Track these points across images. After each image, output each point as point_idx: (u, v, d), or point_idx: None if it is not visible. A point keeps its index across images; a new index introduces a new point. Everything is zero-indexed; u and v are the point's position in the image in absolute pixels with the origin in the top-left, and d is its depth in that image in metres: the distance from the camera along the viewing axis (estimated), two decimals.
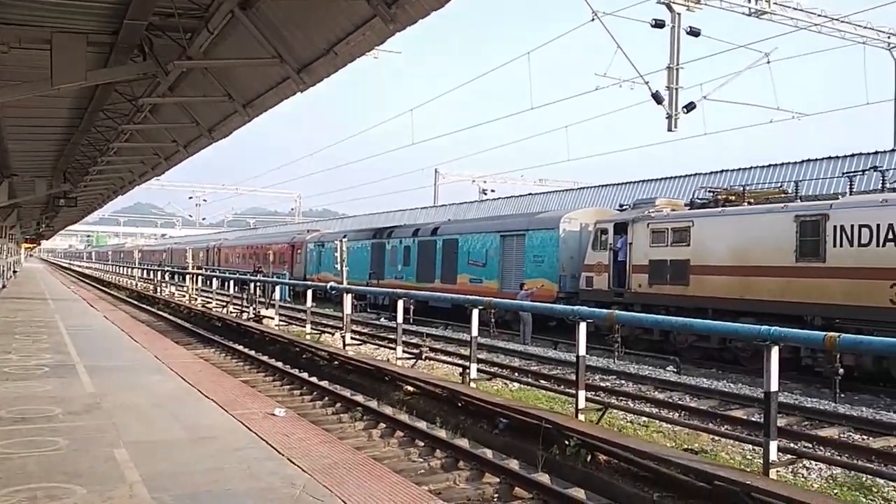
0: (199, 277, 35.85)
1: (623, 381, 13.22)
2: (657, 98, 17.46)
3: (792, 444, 8.30)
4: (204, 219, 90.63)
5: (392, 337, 16.03)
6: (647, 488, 6.67)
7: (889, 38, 26.63)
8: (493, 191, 49.45)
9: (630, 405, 10.80)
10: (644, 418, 9.60)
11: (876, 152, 23.79)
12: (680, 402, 11.33)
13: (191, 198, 74.98)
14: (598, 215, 20.85)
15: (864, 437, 9.28)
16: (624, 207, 20.73)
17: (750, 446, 8.07)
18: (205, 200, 76.87)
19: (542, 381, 12.71)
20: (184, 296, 32.07)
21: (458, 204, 45.05)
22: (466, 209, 43.21)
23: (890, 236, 12.52)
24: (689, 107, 17.73)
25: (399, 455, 8.00)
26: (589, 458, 7.36)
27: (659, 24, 17.33)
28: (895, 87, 26.97)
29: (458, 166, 53.98)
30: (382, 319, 24.34)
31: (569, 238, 20.82)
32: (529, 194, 42.25)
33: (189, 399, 8.16)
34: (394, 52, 27.93)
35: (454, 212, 43.08)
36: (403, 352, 14.01)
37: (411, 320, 22.82)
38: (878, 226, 12.70)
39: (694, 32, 17.64)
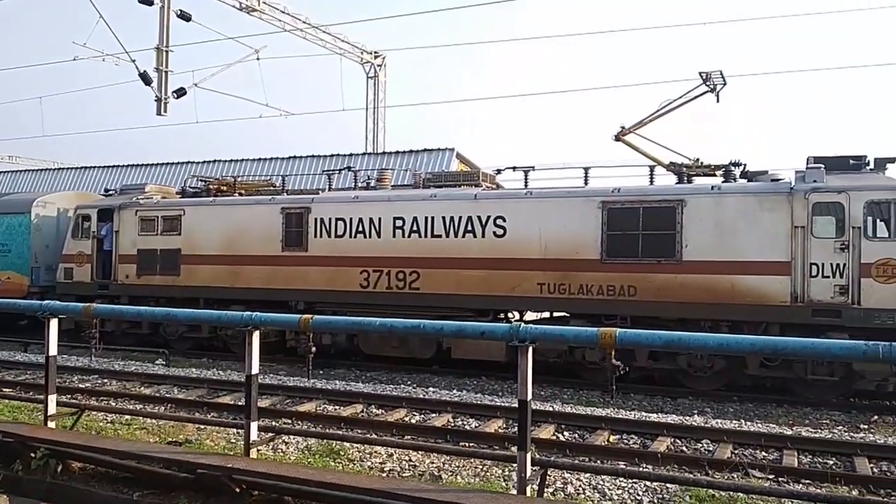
0: None
1: (106, 380, 12.38)
2: (145, 79, 16.76)
3: (273, 423, 8.89)
4: None
5: None
6: (128, 489, 6.34)
7: (362, 53, 30.63)
8: None
9: (112, 404, 10.16)
10: (127, 416, 9.12)
11: (351, 154, 27.17)
12: (168, 396, 11.13)
13: None
14: (80, 200, 19.07)
15: (337, 407, 10.48)
16: (110, 192, 19.50)
17: (235, 430, 8.35)
18: None
19: (4, 390, 11.04)
20: None
21: None
22: None
23: (360, 229, 14.41)
24: (180, 92, 17.47)
25: None
26: (60, 467, 6.65)
27: (147, 1, 16.61)
28: (366, 98, 31.30)
29: None
30: None
31: (43, 224, 18.56)
32: None
33: None
34: None
35: None
36: None
37: None
38: (351, 219, 14.51)
39: (185, 16, 17.42)
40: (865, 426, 10.30)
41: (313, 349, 7.48)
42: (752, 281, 11.51)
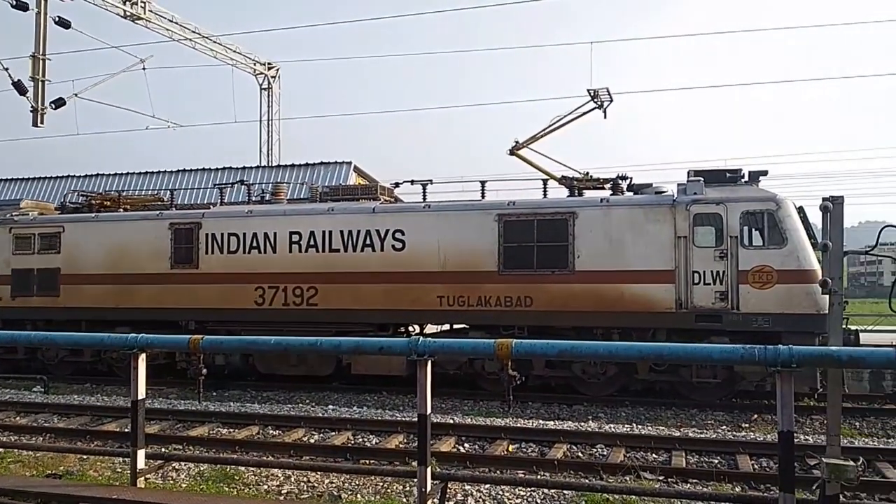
0: None
1: None
2: (20, 88, 15.77)
3: (163, 449, 8.49)
4: None
5: None
6: None
7: (255, 64, 30.04)
8: None
9: None
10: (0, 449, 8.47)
11: (244, 167, 26.53)
12: (47, 425, 10.42)
13: None
14: None
15: (231, 430, 10.13)
16: None
17: (121, 459, 7.91)
18: None
19: None
20: None
21: None
22: None
23: (254, 244, 14.05)
24: (59, 102, 16.55)
25: None
26: None
27: (22, 6, 15.67)
28: (260, 110, 30.70)
29: None
30: None
31: None
32: None
33: None
34: None
35: None
36: None
37: None
38: (245, 234, 14.12)
39: (63, 23, 16.54)
40: (746, 425, 10.92)
41: (204, 371, 7.20)
42: (639, 289, 12.00)
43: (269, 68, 30.32)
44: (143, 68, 19.93)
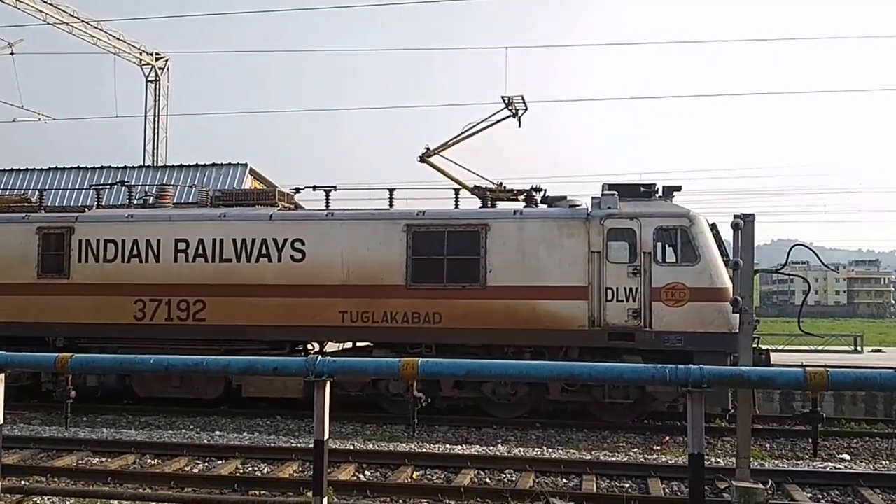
0: None
1: None
2: None
3: (23, 482, 8.00)
4: None
5: None
6: None
7: (141, 54, 29.07)
8: None
9: None
10: None
11: (125, 167, 25.54)
12: None
13: None
14: None
15: (103, 459, 9.66)
16: None
17: None
18: None
19: None
20: None
21: None
22: None
23: (135, 252, 13.52)
24: None
25: None
26: None
27: None
28: (145, 104, 29.71)
29: None
30: None
31: None
32: None
33: None
34: None
35: None
36: None
37: None
38: (124, 241, 13.57)
39: None
40: (658, 447, 11.31)
41: (73, 393, 6.85)
42: (552, 306, 12.26)
43: (157, 58, 29.41)
44: (12, 53, 18.91)
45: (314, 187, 14.04)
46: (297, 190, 14.60)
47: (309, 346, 13.96)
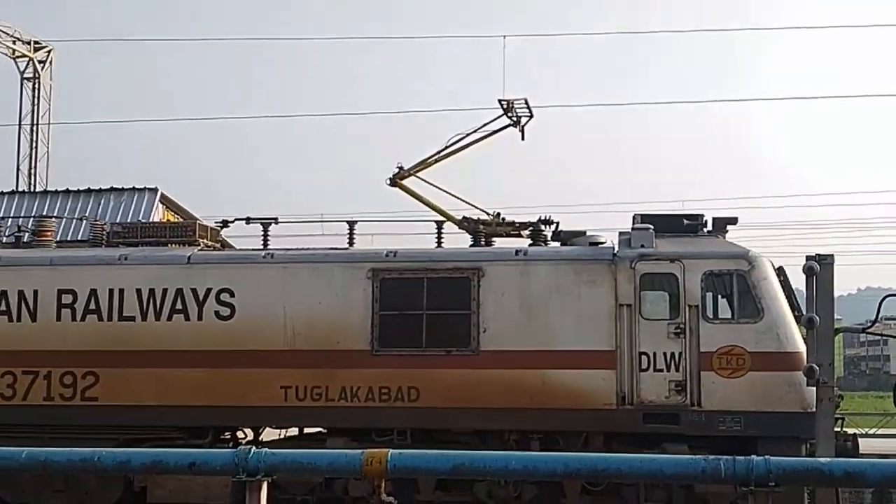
0: None
1: None
2: None
3: None
4: None
5: None
6: None
7: (15, 42, 29.24)
8: None
9: None
10: None
11: None
12: None
13: None
14: None
15: None
16: None
17: None
18: None
19: None
20: None
21: None
22: None
23: (2, 308, 13.44)
24: None
25: None
26: None
27: None
28: (20, 110, 29.78)
29: None
30: None
31: None
32: None
33: None
34: None
35: None
36: None
37: None
38: None
39: None
40: None
41: None
42: (568, 377, 12.26)
43: (37, 49, 29.58)
44: None
45: (248, 220, 14.06)
46: (226, 223, 14.62)
47: (239, 434, 13.87)
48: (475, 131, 14.58)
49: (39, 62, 29.63)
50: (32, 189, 27.91)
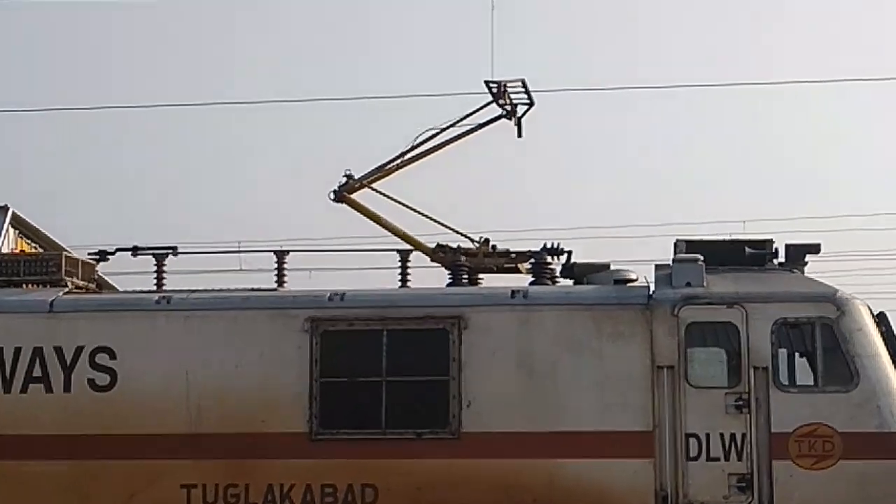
0: None
1: None
2: None
3: None
4: None
5: None
6: None
7: None
8: None
9: None
10: None
11: None
12: None
13: None
14: None
15: None
16: None
17: None
18: None
19: None
20: None
21: None
22: None
23: None
24: None
25: None
26: None
27: None
28: None
29: None
30: None
31: None
32: None
33: None
34: None
35: None
36: None
37: None
38: None
39: None
40: None
41: None
42: (586, 470, 12.06)
43: None
44: None
45: (135, 250, 13.76)
46: (104, 255, 14.30)
47: None
48: (453, 125, 14.33)
49: None
50: None
